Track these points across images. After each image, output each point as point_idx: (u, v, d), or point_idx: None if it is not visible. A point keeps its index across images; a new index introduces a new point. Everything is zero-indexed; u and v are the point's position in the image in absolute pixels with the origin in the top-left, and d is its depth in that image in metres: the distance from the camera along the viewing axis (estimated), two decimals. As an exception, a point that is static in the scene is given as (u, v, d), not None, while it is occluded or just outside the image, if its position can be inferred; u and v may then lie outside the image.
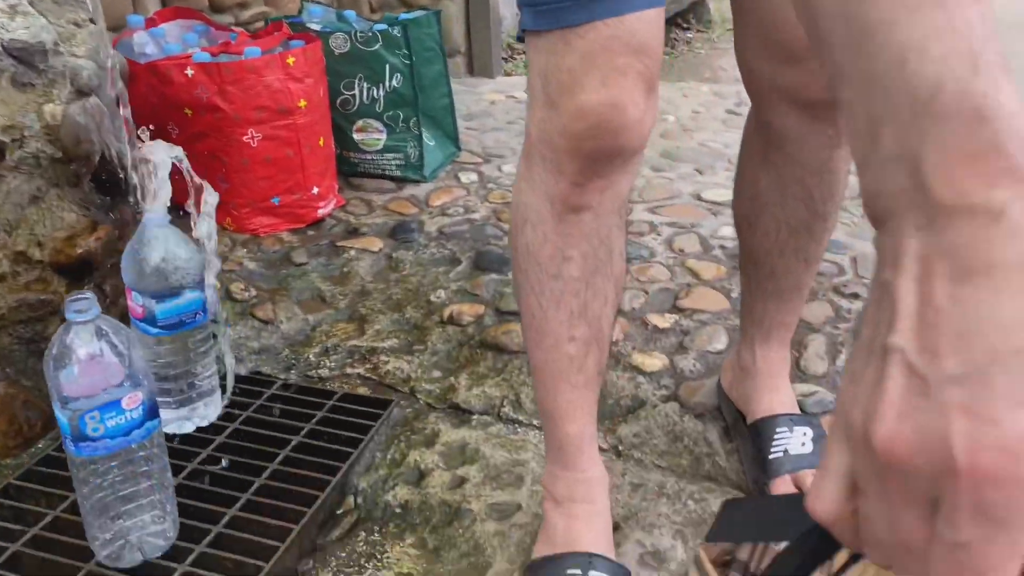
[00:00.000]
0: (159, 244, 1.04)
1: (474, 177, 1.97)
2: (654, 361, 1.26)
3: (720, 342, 1.30)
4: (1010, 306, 0.25)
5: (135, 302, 1.06)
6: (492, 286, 1.51)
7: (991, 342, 0.25)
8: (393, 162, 1.91)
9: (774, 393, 1.05)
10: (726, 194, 1.87)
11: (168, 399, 1.12)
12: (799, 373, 1.22)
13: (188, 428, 1.14)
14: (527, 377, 1.26)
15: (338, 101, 1.84)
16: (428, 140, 1.92)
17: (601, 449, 1.12)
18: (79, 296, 0.83)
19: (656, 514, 0.99)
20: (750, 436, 1.04)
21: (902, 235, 0.29)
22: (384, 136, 1.88)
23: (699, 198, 1.85)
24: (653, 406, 1.18)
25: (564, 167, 0.74)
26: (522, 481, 1.07)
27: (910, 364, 0.27)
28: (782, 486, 0.96)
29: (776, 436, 1.01)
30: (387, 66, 1.80)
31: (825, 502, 0.31)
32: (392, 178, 1.93)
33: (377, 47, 1.79)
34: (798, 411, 1.05)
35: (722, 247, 1.62)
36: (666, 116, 2.40)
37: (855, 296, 1.43)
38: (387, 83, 1.83)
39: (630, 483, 1.05)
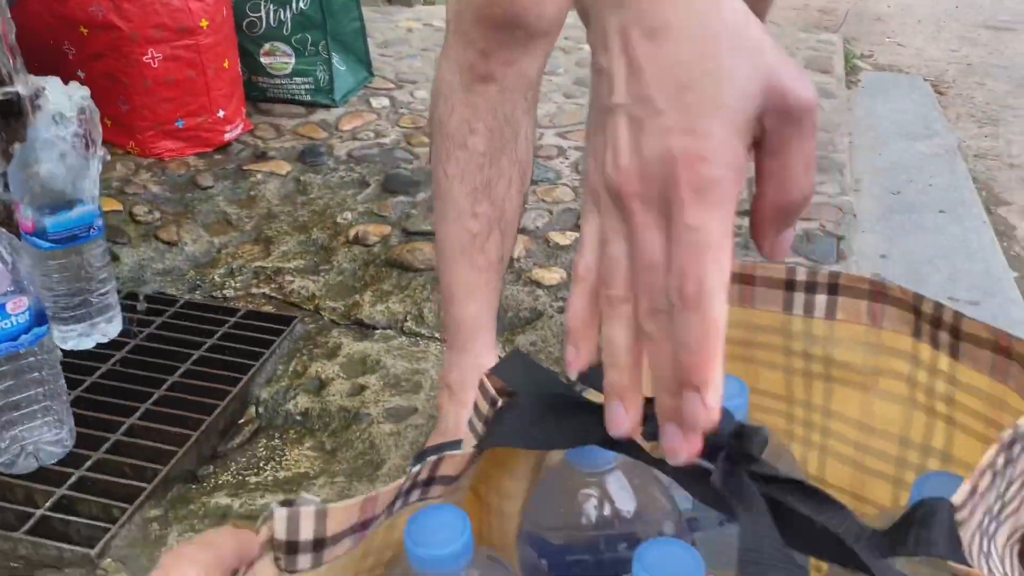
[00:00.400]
0: (47, 156, 1.03)
1: (386, 102, 1.97)
2: (553, 275, 1.30)
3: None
4: (687, 49, 0.34)
5: (24, 216, 1.05)
6: (400, 208, 1.53)
7: (680, 77, 0.33)
8: (303, 87, 1.88)
9: None
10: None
11: (66, 314, 1.11)
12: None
13: (88, 344, 1.14)
14: (431, 293, 1.29)
15: (244, 23, 1.80)
16: (338, 65, 1.90)
17: (497, 357, 1.17)
18: (-45, 201, 0.82)
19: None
20: None
21: (603, 20, 0.36)
22: (292, 60, 1.85)
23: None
24: (550, 316, 1.23)
25: (472, 36, 0.83)
26: (420, 388, 1.11)
27: (630, 114, 0.34)
28: None
29: None
30: None
31: (574, 308, 0.38)
32: (302, 103, 1.91)
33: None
34: None
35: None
36: (582, 46, 2.41)
37: (747, 213, 1.49)
38: (294, 5, 1.79)
39: (522, 386, 1.10)
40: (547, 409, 0.44)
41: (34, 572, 0.86)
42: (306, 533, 0.37)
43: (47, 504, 0.90)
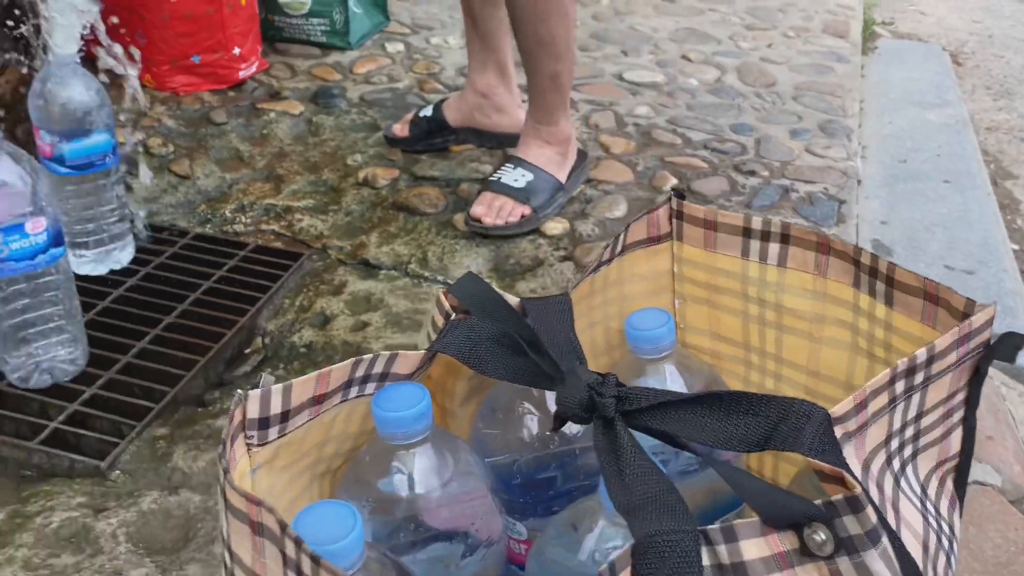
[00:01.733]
0: (67, 82, 1.05)
1: (401, 47, 1.97)
2: (556, 226, 1.33)
3: (619, 210, 1.37)
4: None
5: (43, 140, 1.08)
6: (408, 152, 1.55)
7: None
8: (319, 27, 1.89)
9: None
10: (647, 75, 1.91)
11: (81, 240, 1.15)
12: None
13: (101, 270, 1.18)
14: (435, 237, 1.32)
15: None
16: (354, 7, 1.90)
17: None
18: (-22, 121, 0.85)
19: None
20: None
21: None
22: (309, 0, 1.85)
23: (620, 78, 1.89)
24: (550, 265, 1.26)
25: None
26: (421, 326, 1.14)
27: None
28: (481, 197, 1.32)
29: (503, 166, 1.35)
30: None
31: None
32: (317, 44, 1.91)
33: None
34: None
35: (635, 125, 1.68)
36: (599, -1, 2.40)
37: (752, 173, 1.51)
38: None
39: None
40: (491, 338, 0.48)
41: (46, 480, 0.91)
42: (275, 407, 0.41)
43: (60, 417, 0.94)
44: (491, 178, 1.34)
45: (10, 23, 1.27)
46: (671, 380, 0.53)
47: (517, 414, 0.51)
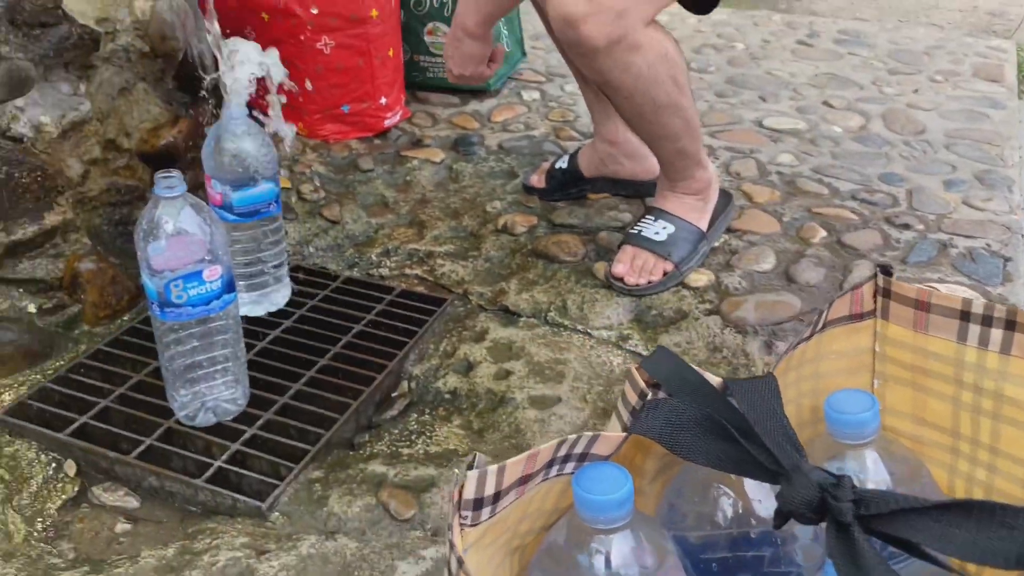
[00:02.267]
0: (239, 134, 1.11)
1: (536, 95, 2.00)
2: (700, 277, 1.30)
3: (767, 262, 1.33)
4: None
5: (214, 189, 1.14)
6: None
7: None
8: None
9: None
10: (788, 122, 1.87)
11: (241, 283, 1.20)
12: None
13: (259, 311, 1.23)
14: (574, 285, 1.32)
15: (412, 2, 1.88)
16: (505, 45, 1.94)
17: (641, 356, 1.18)
18: (167, 174, 0.91)
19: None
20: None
21: None
22: None
23: (760, 125, 1.85)
24: (695, 318, 1.23)
25: None
26: (563, 377, 1.14)
27: None
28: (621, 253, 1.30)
29: (642, 218, 1.33)
30: None
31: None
32: (458, 88, 1.95)
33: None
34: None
35: (779, 173, 1.63)
36: (734, 44, 2.37)
37: (906, 226, 1.44)
38: None
39: (666, 385, 1.11)
40: (693, 421, 0.46)
41: (210, 517, 0.94)
42: (489, 488, 0.41)
43: (224, 457, 0.98)
44: (631, 231, 1.33)
45: (186, 78, 1.36)
46: (873, 467, 0.50)
47: (712, 496, 0.49)
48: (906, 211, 1.50)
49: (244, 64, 1.10)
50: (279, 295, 1.25)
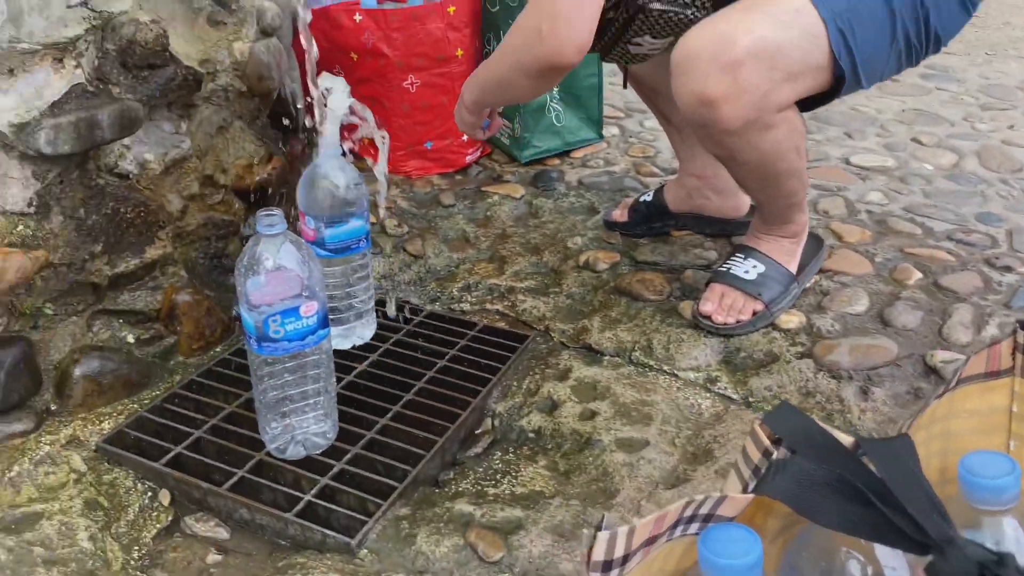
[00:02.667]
0: (334, 173, 1.14)
1: (616, 131, 2.00)
2: (791, 319, 1.27)
3: (860, 304, 1.29)
4: None
5: (307, 226, 1.17)
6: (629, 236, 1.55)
7: None
8: (505, 129, 1.86)
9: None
10: (876, 159, 1.82)
11: (330, 317, 1.22)
12: (940, 340, 1.20)
13: (346, 345, 1.24)
14: (659, 324, 1.30)
15: (484, 51, 1.90)
16: (555, 120, 1.83)
17: (731, 399, 1.15)
18: (269, 212, 0.93)
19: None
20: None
21: None
22: None
23: (847, 162, 1.81)
24: (787, 361, 1.19)
25: None
26: (651, 420, 1.11)
27: None
28: (709, 291, 1.28)
29: (732, 257, 1.31)
30: (506, 29, 1.78)
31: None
32: (497, 145, 1.89)
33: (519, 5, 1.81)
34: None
35: (868, 212, 1.59)
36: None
37: (1007, 269, 1.38)
38: None
39: (758, 430, 1.07)
40: (825, 483, 0.44)
41: (299, 552, 0.95)
42: (619, 550, 0.40)
43: (313, 491, 0.99)
44: (719, 269, 1.30)
45: (279, 116, 1.40)
46: (1012, 536, 0.47)
47: (839, 560, 0.47)
48: (1007, 252, 1.44)
49: (338, 106, 1.12)
50: (366, 329, 1.26)
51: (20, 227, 1.04)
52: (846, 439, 0.47)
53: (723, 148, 1.13)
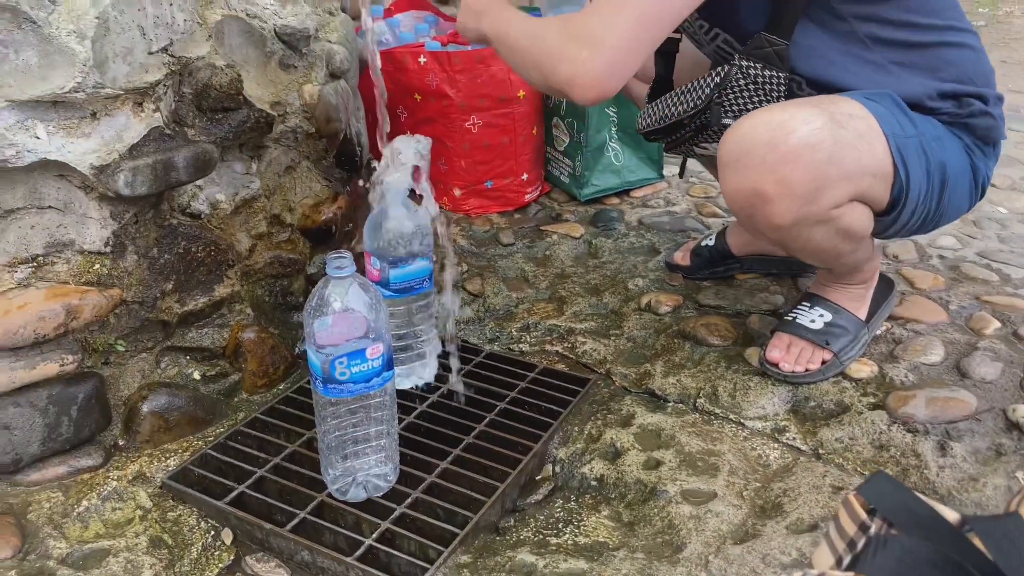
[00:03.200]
0: (401, 214, 1.14)
1: (676, 170, 1.98)
2: (863, 368, 1.23)
3: (935, 354, 1.24)
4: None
5: (373, 266, 1.17)
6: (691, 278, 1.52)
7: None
8: (565, 168, 1.87)
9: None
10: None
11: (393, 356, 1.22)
12: (1022, 394, 1.15)
13: (406, 385, 1.24)
14: (724, 371, 1.27)
15: (545, 96, 1.91)
16: (615, 159, 1.83)
17: (799, 450, 1.12)
18: (339, 255, 0.93)
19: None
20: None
21: None
22: (568, 139, 1.84)
23: (916, 205, 1.76)
24: (858, 412, 1.15)
25: None
26: (717, 470, 1.08)
27: None
28: (776, 339, 1.24)
29: (799, 305, 1.28)
30: None
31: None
32: (559, 184, 1.90)
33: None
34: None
35: (940, 257, 1.54)
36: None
37: (1094, 320, 1.32)
38: None
39: (831, 485, 1.04)
40: (930, 563, 0.41)
41: (359, 596, 0.94)
42: None
43: (374, 535, 0.98)
44: (786, 317, 1.27)
45: (344, 156, 1.42)
46: None
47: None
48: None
49: (405, 154, 1.13)
50: (426, 369, 1.26)
51: (97, 266, 1.06)
52: (951, 515, 0.44)
53: (772, 238, 1.09)
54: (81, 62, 0.95)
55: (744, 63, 1.10)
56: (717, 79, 1.12)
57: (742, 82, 1.11)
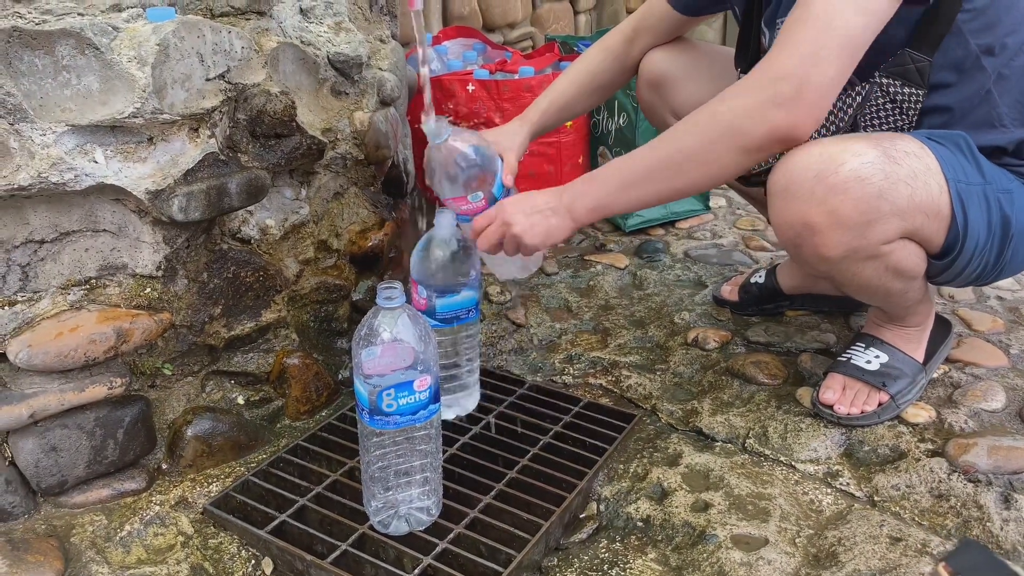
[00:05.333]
0: (449, 245, 1.13)
1: (723, 202, 1.96)
2: (920, 413, 1.19)
3: (997, 400, 1.20)
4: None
5: (419, 295, 1.16)
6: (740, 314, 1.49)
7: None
8: None
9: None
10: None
11: (435, 387, 1.21)
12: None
13: (449, 416, 1.23)
14: (775, 411, 1.24)
15: (591, 122, 1.90)
16: None
17: (854, 496, 1.08)
18: (389, 285, 0.92)
19: (918, 573, 0.94)
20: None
21: None
22: None
23: (972, 243, 1.72)
24: (916, 459, 1.11)
25: None
26: (769, 515, 1.05)
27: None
28: (830, 380, 1.21)
29: (853, 345, 1.25)
30: (617, 103, 1.79)
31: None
32: None
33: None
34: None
35: (999, 298, 1.50)
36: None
37: None
38: (616, 119, 1.83)
39: (888, 535, 1.00)
40: None
41: (400, 633, 0.92)
42: None
43: (416, 571, 0.96)
44: (840, 358, 1.24)
45: (392, 182, 1.42)
46: None
47: None
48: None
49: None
50: (469, 400, 1.24)
51: (148, 289, 1.07)
52: None
53: (820, 272, 1.07)
54: (141, 88, 0.95)
55: (884, 80, 1.08)
56: (859, 99, 1.10)
57: (880, 100, 1.08)
